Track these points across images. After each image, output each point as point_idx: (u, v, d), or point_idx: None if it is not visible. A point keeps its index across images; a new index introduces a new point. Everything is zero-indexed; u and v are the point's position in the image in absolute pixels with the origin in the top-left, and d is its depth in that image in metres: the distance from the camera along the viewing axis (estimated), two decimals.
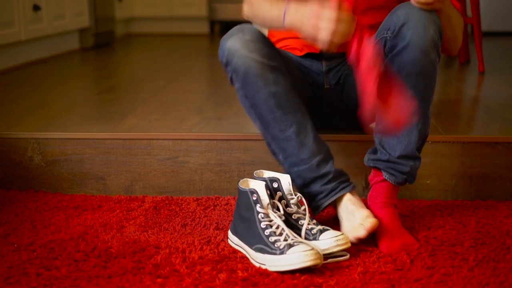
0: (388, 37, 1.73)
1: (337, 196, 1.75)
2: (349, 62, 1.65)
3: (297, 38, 1.94)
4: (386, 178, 1.77)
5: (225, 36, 1.75)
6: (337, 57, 1.99)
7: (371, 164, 1.79)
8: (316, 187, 1.76)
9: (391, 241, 1.66)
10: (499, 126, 2.23)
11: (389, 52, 1.73)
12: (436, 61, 1.72)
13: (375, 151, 1.81)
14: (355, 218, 1.72)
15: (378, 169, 1.78)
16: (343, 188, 1.76)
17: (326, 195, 1.76)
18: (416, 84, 1.70)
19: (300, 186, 1.78)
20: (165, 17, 5.93)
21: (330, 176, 1.76)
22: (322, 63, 1.98)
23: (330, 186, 1.75)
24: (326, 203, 1.76)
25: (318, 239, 1.61)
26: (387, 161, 1.76)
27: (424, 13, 1.68)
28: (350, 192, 1.76)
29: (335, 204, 1.77)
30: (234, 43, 1.71)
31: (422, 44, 1.67)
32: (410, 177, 1.79)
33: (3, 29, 3.45)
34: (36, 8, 3.79)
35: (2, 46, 3.49)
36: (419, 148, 1.78)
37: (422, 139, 1.78)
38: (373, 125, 1.83)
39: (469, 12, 4.24)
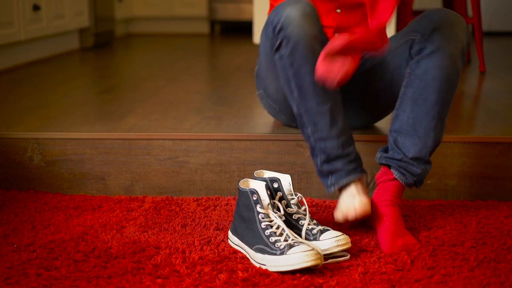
0: (416, 40, 1.76)
1: (355, 177, 1.77)
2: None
3: None
4: (396, 177, 1.77)
5: (282, 4, 1.76)
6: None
7: (384, 162, 1.80)
8: (338, 164, 1.77)
9: (393, 241, 1.65)
10: (500, 126, 2.23)
11: (416, 54, 1.76)
12: (460, 69, 1.75)
13: (387, 150, 1.81)
14: (353, 201, 1.73)
15: (389, 167, 1.79)
16: (361, 171, 1.78)
17: (346, 174, 1.77)
18: (439, 88, 1.74)
19: (322, 161, 1.79)
20: (165, 17, 5.93)
21: (352, 157, 1.78)
22: None
23: (351, 166, 1.77)
24: (345, 182, 1.77)
25: (318, 239, 1.60)
26: (400, 160, 1.77)
27: (457, 21, 1.73)
28: (360, 178, 1.78)
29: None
30: (292, 11, 1.72)
31: (451, 51, 1.72)
32: (419, 180, 1.80)
33: (3, 29, 3.44)
34: (36, 8, 3.79)
35: (2, 46, 3.49)
36: (431, 153, 1.80)
37: (435, 145, 1.80)
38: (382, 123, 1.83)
39: (469, 12, 4.24)
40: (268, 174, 1.74)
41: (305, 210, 1.69)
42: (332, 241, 1.59)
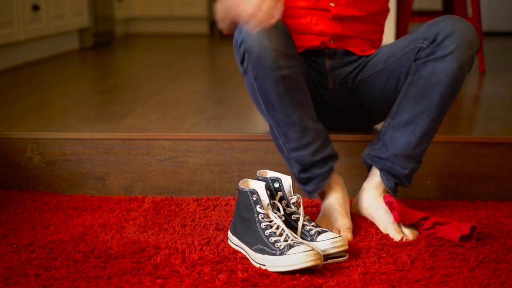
0: (424, 46, 1.76)
1: (332, 177, 1.80)
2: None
3: (296, 35, 1.94)
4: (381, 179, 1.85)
5: None
6: (339, 53, 1.99)
7: (369, 161, 1.85)
8: (315, 170, 1.80)
9: None
10: (500, 126, 2.23)
11: (424, 57, 1.76)
12: (466, 75, 1.76)
13: (374, 145, 1.87)
14: (336, 222, 1.77)
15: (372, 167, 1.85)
16: (333, 166, 1.82)
17: (324, 178, 1.80)
18: (443, 92, 1.74)
19: (298, 171, 1.81)
20: (165, 17, 5.93)
21: (327, 159, 1.80)
22: (325, 61, 1.98)
23: (327, 168, 1.80)
24: (324, 185, 1.80)
25: (315, 241, 1.60)
26: (386, 159, 1.83)
27: (469, 29, 1.72)
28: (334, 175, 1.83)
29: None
30: None
31: (461, 58, 1.72)
32: (406, 178, 1.84)
33: (3, 29, 3.44)
34: (36, 8, 3.79)
35: (2, 46, 3.48)
36: (423, 153, 1.83)
37: (428, 144, 1.83)
38: None
39: (469, 12, 4.23)
40: (270, 174, 1.73)
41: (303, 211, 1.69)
42: (328, 242, 1.58)
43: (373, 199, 1.84)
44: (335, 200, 1.80)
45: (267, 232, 1.57)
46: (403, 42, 1.86)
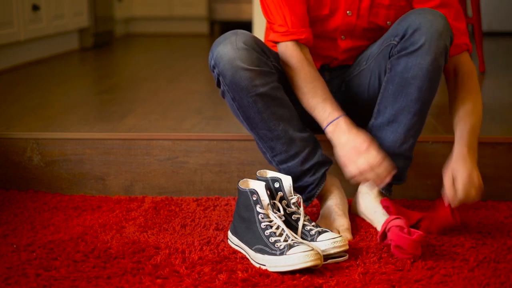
0: (395, 43, 1.74)
1: (324, 183, 1.82)
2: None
3: None
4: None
5: (217, 40, 1.76)
6: (338, 67, 1.98)
7: None
8: (306, 179, 1.80)
9: None
10: (500, 127, 2.23)
11: (396, 53, 1.74)
12: (443, 65, 1.73)
13: None
14: (334, 222, 1.77)
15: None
16: (327, 170, 1.83)
17: (316, 185, 1.81)
18: (420, 87, 1.72)
19: None
20: (165, 17, 5.93)
21: (318, 166, 1.80)
22: (324, 74, 1.97)
23: (319, 175, 1.80)
24: (318, 192, 1.81)
25: (316, 241, 1.60)
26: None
27: (438, 19, 1.69)
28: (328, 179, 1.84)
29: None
30: (223, 48, 1.72)
31: (434, 50, 1.69)
32: (398, 177, 1.82)
33: (2, 29, 3.44)
34: (35, 8, 3.79)
35: (2, 46, 3.48)
36: (411, 149, 1.82)
37: (415, 140, 1.82)
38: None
39: (469, 12, 4.23)
40: (271, 174, 1.74)
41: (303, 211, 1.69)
42: (329, 242, 1.58)
43: (369, 201, 1.83)
44: (331, 202, 1.80)
45: (267, 232, 1.57)
46: (380, 41, 1.85)
